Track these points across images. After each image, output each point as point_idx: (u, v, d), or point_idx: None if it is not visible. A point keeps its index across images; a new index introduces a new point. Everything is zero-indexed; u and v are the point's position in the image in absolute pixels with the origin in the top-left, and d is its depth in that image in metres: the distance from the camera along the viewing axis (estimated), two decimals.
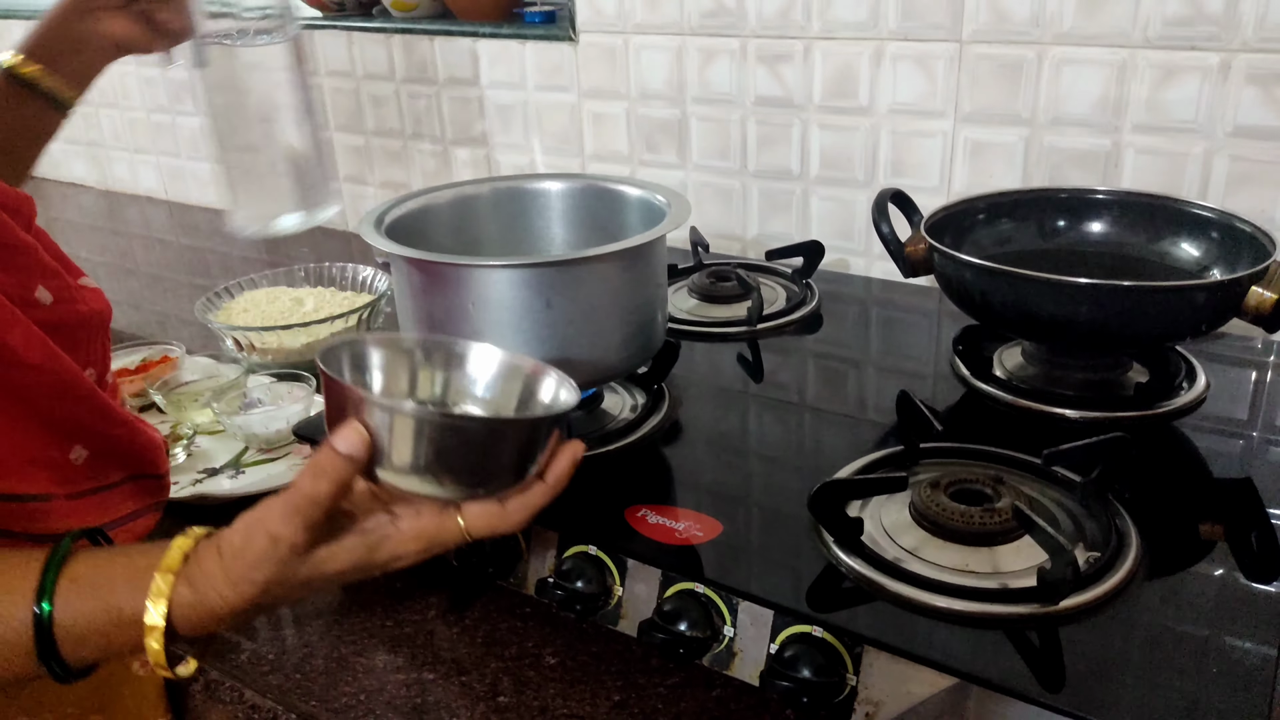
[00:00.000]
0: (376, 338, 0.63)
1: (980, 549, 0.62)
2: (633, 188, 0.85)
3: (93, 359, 0.65)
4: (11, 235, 0.59)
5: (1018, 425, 0.79)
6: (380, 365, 0.63)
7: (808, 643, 0.58)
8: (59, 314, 0.60)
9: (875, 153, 1.13)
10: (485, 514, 0.56)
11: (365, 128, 1.56)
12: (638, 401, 0.84)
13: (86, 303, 0.64)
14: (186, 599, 0.53)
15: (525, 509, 0.57)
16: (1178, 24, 0.93)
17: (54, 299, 0.60)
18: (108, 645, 0.53)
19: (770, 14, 1.14)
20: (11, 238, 0.59)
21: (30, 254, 0.60)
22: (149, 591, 0.52)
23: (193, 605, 0.53)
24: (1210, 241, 0.85)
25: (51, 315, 0.60)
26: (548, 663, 0.68)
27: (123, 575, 0.54)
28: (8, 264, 0.58)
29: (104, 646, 0.53)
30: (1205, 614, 0.58)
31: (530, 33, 1.32)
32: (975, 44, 1.03)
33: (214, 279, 1.40)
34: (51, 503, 0.60)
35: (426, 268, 0.72)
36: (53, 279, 0.61)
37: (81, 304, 0.63)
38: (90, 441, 0.63)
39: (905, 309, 1.07)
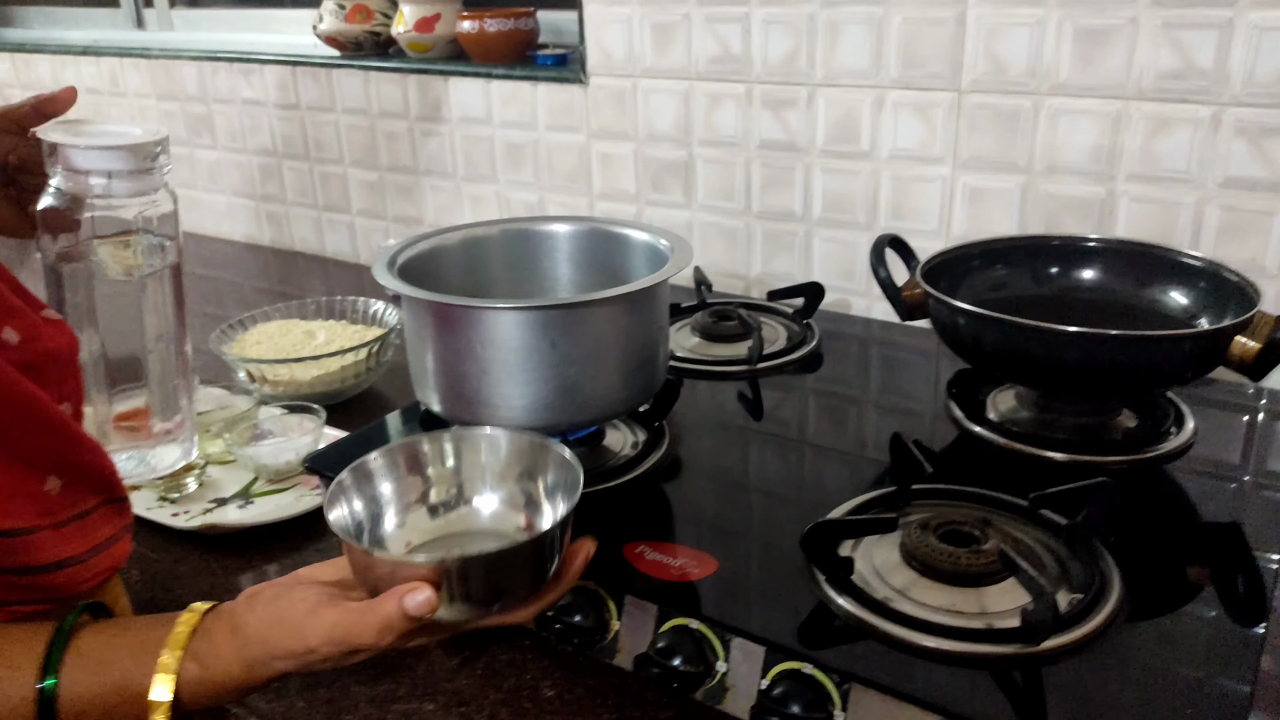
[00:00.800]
0: (378, 452, 0.65)
1: (967, 590, 0.64)
2: (638, 231, 0.88)
3: (66, 394, 0.64)
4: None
5: (1008, 467, 0.81)
6: (387, 481, 0.65)
7: (798, 679, 0.60)
8: (27, 353, 0.59)
9: (876, 197, 1.16)
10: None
11: (380, 164, 1.59)
12: (639, 439, 0.86)
13: (53, 338, 0.62)
14: (194, 675, 0.54)
15: (537, 603, 0.60)
16: (1170, 77, 0.96)
17: (21, 338, 0.59)
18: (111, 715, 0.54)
19: (775, 61, 1.17)
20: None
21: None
22: (156, 667, 0.53)
23: (200, 681, 0.54)
24: (1199, 290, 0.87)
25: (20, 355, 0.58)
26: (545, 695, 0.69)
27: (129, 650, 0.55)
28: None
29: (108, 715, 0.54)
30: (1187, 656, 0.59)
31: (542, 75, 1.36)
32: (974, 93, 1.06)
33: (227, 308, 1.43)
34: (38, 534, 0.60)
35: (436, 308, 0.74)
36: (18, 318, 0.60)
37: (49, 340, 0.62)
38: (63, 471, 0.62)
39: (904, 350, 1.09)
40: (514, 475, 0.67)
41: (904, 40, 1.08)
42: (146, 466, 0.87)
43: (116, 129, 0.77)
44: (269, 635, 0.54)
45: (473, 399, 0.75)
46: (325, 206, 1.70)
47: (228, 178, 1.81)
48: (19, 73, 2.04)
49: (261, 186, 1.77)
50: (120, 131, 0.77)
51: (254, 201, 1.80)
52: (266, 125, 1.70)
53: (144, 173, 0.76)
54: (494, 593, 0.57)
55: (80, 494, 0.64)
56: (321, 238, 1.73)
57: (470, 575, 0.55)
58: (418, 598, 0.53)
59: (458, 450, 0.67)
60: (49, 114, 0.77)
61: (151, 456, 0.87)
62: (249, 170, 1.77)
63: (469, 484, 0.67)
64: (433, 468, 0.66)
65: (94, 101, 1.93)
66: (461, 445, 0.67)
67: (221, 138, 1.78)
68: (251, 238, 1.84)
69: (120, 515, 0.69)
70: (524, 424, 0.77)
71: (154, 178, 0.77)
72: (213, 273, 1.68)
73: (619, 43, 1.28)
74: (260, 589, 0.58)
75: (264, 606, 0.56)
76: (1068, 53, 1.00)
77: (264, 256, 1.77)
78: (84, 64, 1.92)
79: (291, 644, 0.54)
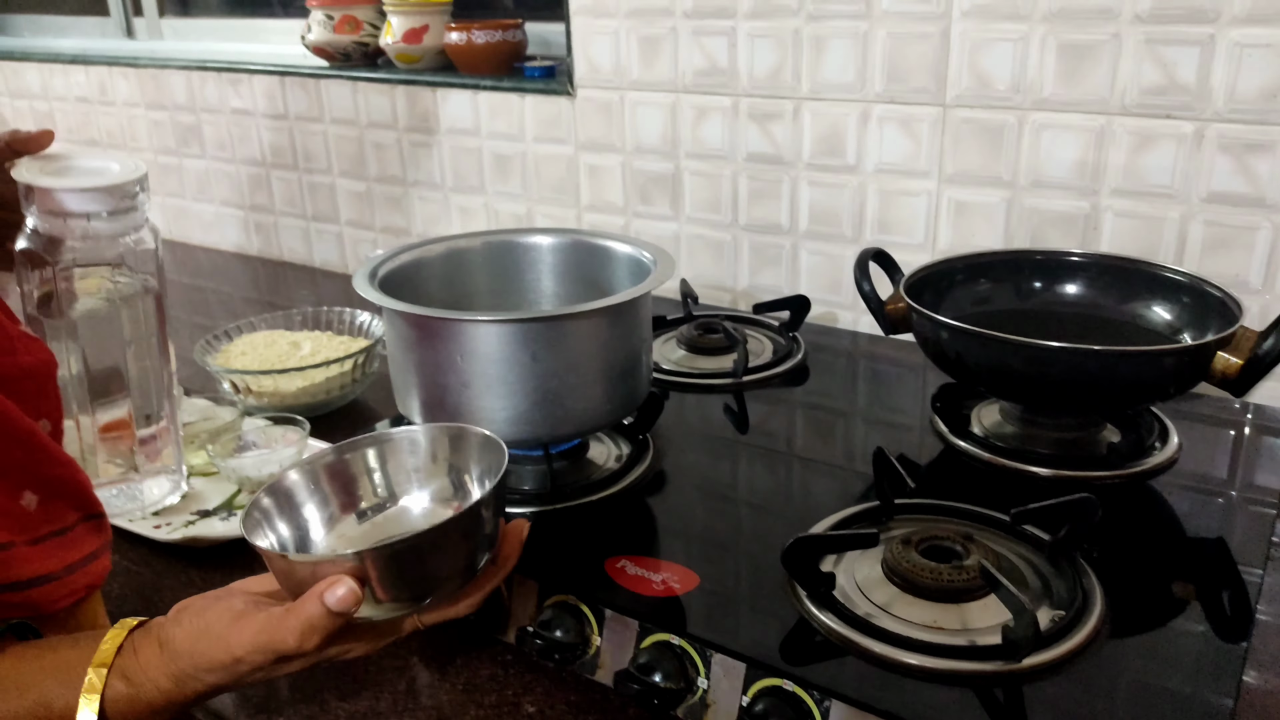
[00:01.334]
0: (292, 470, 0.64)
1: (949, 606, 0.63)
2: (621, 244, 0.88)
3: (45, 410, 0.63)
4: None
5: (992, 482, 0.81)
6: (307, 495, 0.64)
7: (779, 696, 0.59)
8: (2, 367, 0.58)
9: (862, 210, 1.16)
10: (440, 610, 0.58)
11: (368, 174, 1.59)
12: (623, 451, 0.85)
13: (30, 353, 0.61)
14: (121, 693, 0.52)
15: (480, 590, 0.58)
16: (1153, 93, 0.96)
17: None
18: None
19: (761, 74, 1.17)
20: None
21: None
22: (81, 687, 0.51)
23: (129, 700, 0.52)
24: (1181, 305, 0.87)
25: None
26: (526, 711, 0.69)
27: (51, 671, 0.53)
28: None
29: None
30: (1170, 672, 0.59)
31: (530, 87, 1.36)
32: (958, 108, 1.06)
33: (214, 318, 1.43)
34: (14, 550, 0.59)
35: (417, 321, 0.74)
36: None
37: (25, 355, 0.61)
38: (38, 486, 0.61)
39: (890, 363, 1.09)
40: (440, 469, 0.66)
41: (889, 55, 1.08)
42: (136, 502, 0.87)
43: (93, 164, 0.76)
44: (195, 648, 0.53)
45: (454, 411, 0.75)
46: (313, 216, 1.70)
47: (216, 187, 1.81)
48: (7, 81, 2.03)
49: (250, 196, 1.77)
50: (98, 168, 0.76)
51: (242, 211, 1.79)
52: (255, 135, 1.70)
53: (124, 212, 0.75)
54: (423, 582, 0.55)
55: (58, 510, 0.63)
56: (310, 248, 1.73)
57: (394, 564, 0.54)
58: (338, 592, 0.52)
59: (380, 454, 0.66)
60: (22, 152, 0.76)
61: (141, 491, 0.86)
62: (237, 180, 1.77)
63: (396, 485, 0.66)
64: (356, 475, 0.65)
65: (83, 110, 1.93)
66: (383, 449, 0.66)
67: (210, 147, 1.78)
68: (240, 247, 1.83)
69: (98, 532, 0.67)
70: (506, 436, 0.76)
71: (134, 216, 0.76)
72: (200, 282, 1.67)
73: (606, 55, 1.28)
74: (190, 601, 0.57)
75: (190, 619, 0.54)
76: (1051, 68, 1.00)
77: (252, 266, 1.76)
78: (73, 72, 1.91)
79: (218, 654, 0.52)
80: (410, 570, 0.55)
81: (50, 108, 1.99)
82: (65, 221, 0.72)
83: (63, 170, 0.74)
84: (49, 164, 0.75)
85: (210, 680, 0.53)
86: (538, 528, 0.75)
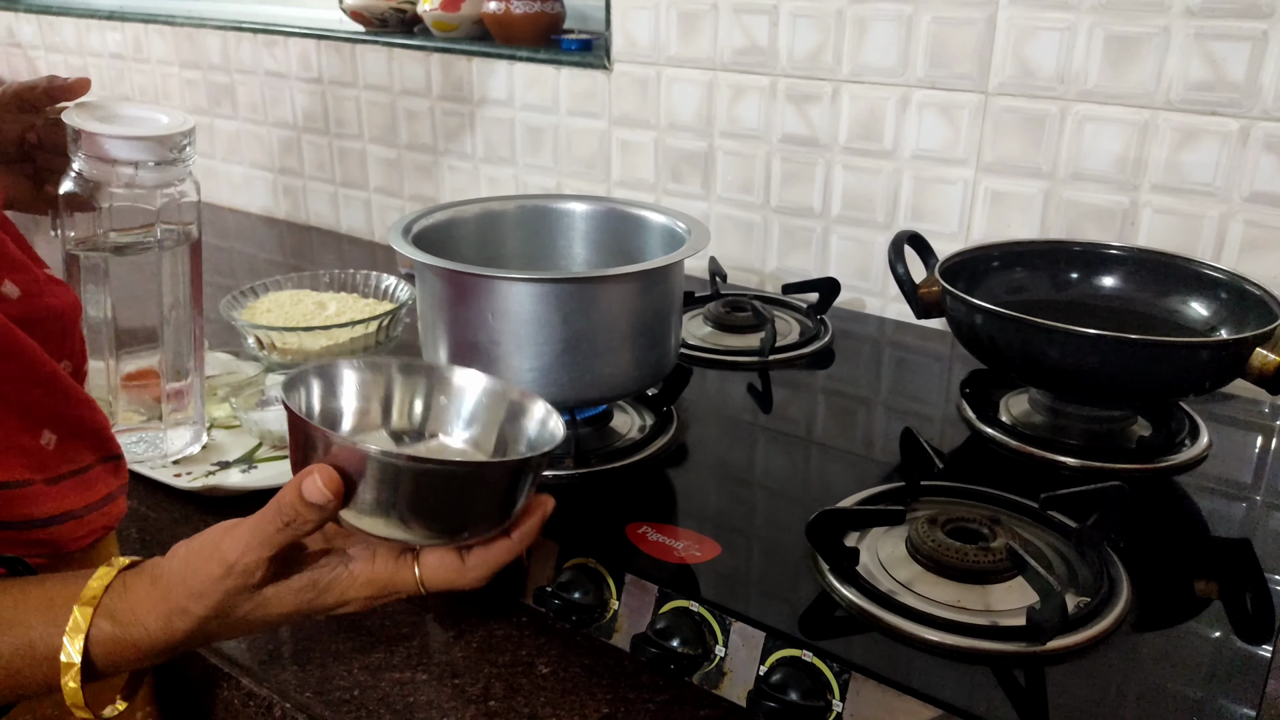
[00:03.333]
0: (351, 361, 0.61)
1: (973, 586, 0.63)
2: (655, 213, 0.87)
3: (67, 351, 0.63)
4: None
5: (1019, 470, 0.80)
6: (353, 391, 0.60)
7: (797, 666, 0.59)
8: (27, 308, 0.58)
9: (896, 196, 1.15)
10: (443, 568, 0.54)
11: (399, 141, 1.59)
12: (646, 422, 0.85)
13: (55, 296, 0.61)
14: (107, 633, 0.50)
15: (485, 565, 0.54)
16: (1200, 88, 0.95)
17: (21, 293, 0.58)
18: (17, 684, 0.50)
19: (801, 55, 1.16)
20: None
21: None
22: (65, 626, 0.49)
23: (115, 640, 0.50)
24: (1219, 302, 0.86)
25: (19, 309, 0.57)
26: (540, 671, 0.69)
27: (36, 608, 0.51)
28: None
29: (14, 686, 0.50)
30: (1192, 672, 0.58)
31: (566, 59, 1.35)
32: (1000, 96, 1.05)
33: (239, 280, 1.43)
34: (33, 488, 0.58)
35: (450, 277, 0.74)
36: (20, 272, 0.59)
37: (51, 297, 0.60)
38: (57, 425, 0.61)
39: (917, 351, 1.08)
40: (493, 424, 0.62)
41: (932, 39, 1.07)
42: (157, 450, 0.87)
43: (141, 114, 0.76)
44: (187, 569, 0.51)
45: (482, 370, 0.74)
46: (342, 182, 1.70)
47: (247, 149, 1.81)
48: (44, 35, 2.04)
49: (280, 159, 1.77)
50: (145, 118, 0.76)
51: (272, 174, 1.79)
52: (288, 98, 1.70)
53: (170, 163, 0.76)
54: (440, 514, 0.51)
55: (76, 450, 0.63)
56: (337, 213, 1.73)
57: (411, 483, 0.50)
58: (318, 481, 0.49)
59: (439, 385, 0.62)
60: (58, 98, 0.77)
61: (162, 440, 0.87)
62: (268, 142, 1.77)
63: (442, 421, 0.62)
64: (406, 395, 0.62)
65: (117, 67, 1.93)
66: (444, 382, 0.62)
67: (242, 109, 1.78)
68: (267, 210, 1.83)
69: (116, 474, 0.68)
70: None
71: (179, 168, 0.77)
72: (227, 243, 1.67)
73: (645, 30, 1.27)
74: (188, 540, 0.55)
75: (185, 547, 0.53)
76: (1097, 59, 0.99)
77: (279, 229, 1.77)
78: (108, 29, 1.92)
79: (212, 568, 0.50)
80: (428, 495, 0.51)
81: (85, 63, 2.00)
82: (112, 168, 0.73)
83: (112, 118, 0.74)
84: (99, 110, 0.75)
85: (197, 609, 0.50)
86: (561, 491, 0.75)
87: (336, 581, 0.53)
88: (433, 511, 0.51)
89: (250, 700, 0.68)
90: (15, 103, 0.76)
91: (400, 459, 0.51)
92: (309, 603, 0.53)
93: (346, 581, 0.53)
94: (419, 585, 0.54)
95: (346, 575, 0.53)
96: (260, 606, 0.52)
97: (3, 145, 0.77)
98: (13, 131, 0.77)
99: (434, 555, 0.54)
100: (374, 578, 0.53)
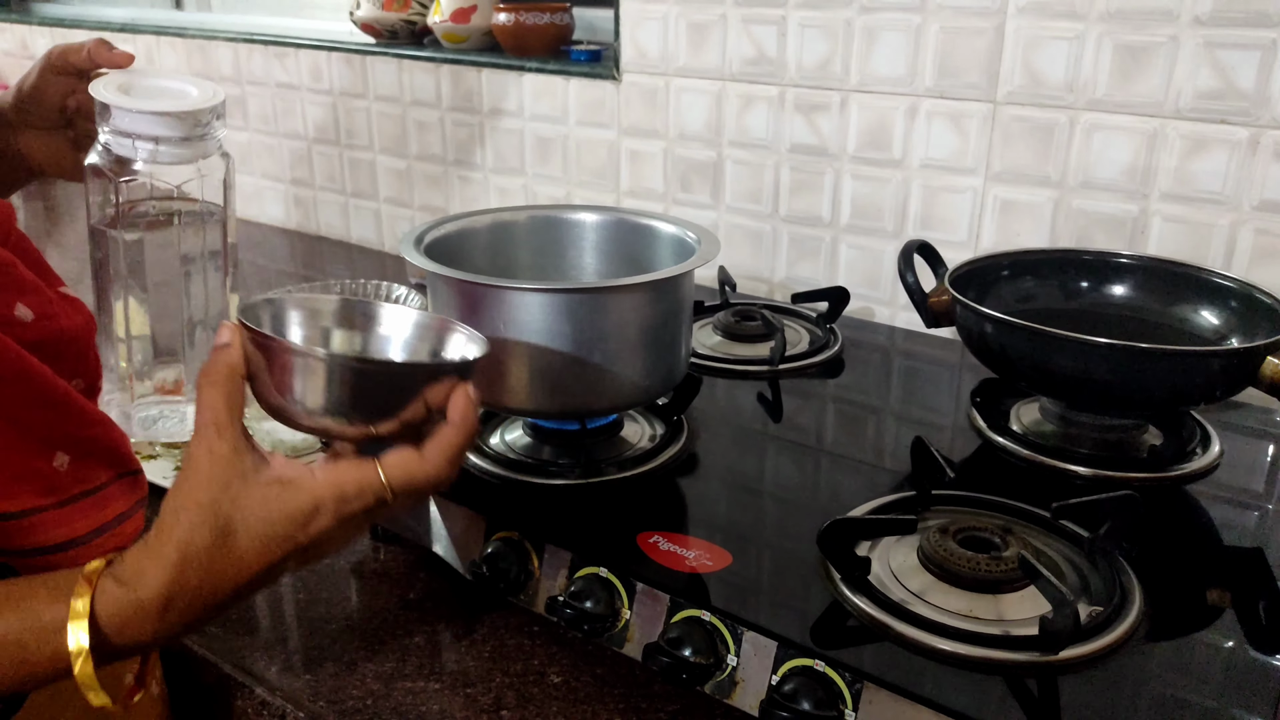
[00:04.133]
0: (295, 298, 0.62)
1: (985, 596, 0.63)
2: (665, 223, 0.87)
3: (80, 370, 0.63)
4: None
5: (1030, 479, 0.80)
6: (299, 322, 0.62)
7: (809, 676, 0.59)
8: (40, 330, 0.58)
9: (905, 205, 1.15)
10: (403, 461, 0.54)
11: (409, 152, 1.60)
12: (656, 431, 0.85)
13: (69, 316, 0.61)
14: (113, 592, 0.50)
15: (442, 452, 0.55)
16: (1209, 97, 0.95)
17: (34, 315, 0.58)
18: (24, 659, 0.49)
19: (810, 65, 1.17)
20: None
21: (8, 271, 0.57)
22: (72, 592, 0.49)
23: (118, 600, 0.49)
24: (1230, 311, 0.86)
25: (33, 333, 0.57)
26: (552, 681, 0.69)
27: (42, 587, 0.51)
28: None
29: (20, 660, 0.49)
30: (1206, 682, 0.58)
31: (575, 70, 1.36)
32: (1009, 105, 1.05)
33: (251, 290, 1.44)
34: (41, 515, 0.58)
35: (462, 287, 0.74)
36: (33, 295, 0.58)
37: (64, 319, 0.60)
38: (71, 447, 0.60)
39: (926, 360, 1.08)
40: (421, 346, 0.64)
41: (941, 49, 1.08)
42: (187, 426, 0.86)
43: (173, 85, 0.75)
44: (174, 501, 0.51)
45: (492, 380, 0.75)
46: (353, 193, 1.71)
47: (258, 160, 1.82)
48: None
49: (291, 170, 1.78)
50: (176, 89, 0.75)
51: (283, 185, 1.80)
52: (299, 109, 1.71)
53: (194, 139, 0.75)
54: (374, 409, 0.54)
55: (90, 469, 0.63)
56: (347, 224, 1.74)
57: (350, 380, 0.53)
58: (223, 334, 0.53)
59: (369, 319, 0.64)
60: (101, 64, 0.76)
61: (187, 415, 0.86)
62: (279, 154, 1.78)
63: (373, 349, 0.64)
64: (341, 327, 0.64)
65: None
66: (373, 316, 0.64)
67: (254, 120, 1.79)
68: (278, 221, 1.84)
69: (134, 489, 0.68)
70: (543, 408, 0.76)
71: (205, 144, 0.76)
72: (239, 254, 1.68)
73: (654, 40, 1.28)
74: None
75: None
76: (1106, 68, 0.99)
77: (289, 240, 1.78)
78: (121, 41, 1.91)
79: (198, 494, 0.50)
80: (361, 391, 0.54)
81: None
82: (133, 143, 0.72)
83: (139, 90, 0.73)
84: (128, 81, 0.74)
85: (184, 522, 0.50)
86: (571, 501, 0.75)
87: (302, 479, 0.53)
88: (364, 406, 0.54)
89: (264, 709, 0.69)
90: (59, 65, 0.74)
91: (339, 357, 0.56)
92: (281, 507, 0.52)
93: (310, 480, 0.53)
94: (382, 481, 0.54)
95: (309, 474, 0.53)
96: (236, 505, 0.51)
97: (45, 110, 0.76)
98: (55, 96, 0.76)
99: (393, 454, 0.55)
100: (339, 477, 0.53)
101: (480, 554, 0.73)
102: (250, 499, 0.51)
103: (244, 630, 0.75)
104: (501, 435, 0.84)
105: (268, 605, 0.78)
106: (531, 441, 0.83)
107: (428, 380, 0.56)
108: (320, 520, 0.53)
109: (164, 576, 0.50)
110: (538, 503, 0.75)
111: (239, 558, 0.51)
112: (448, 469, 0.56)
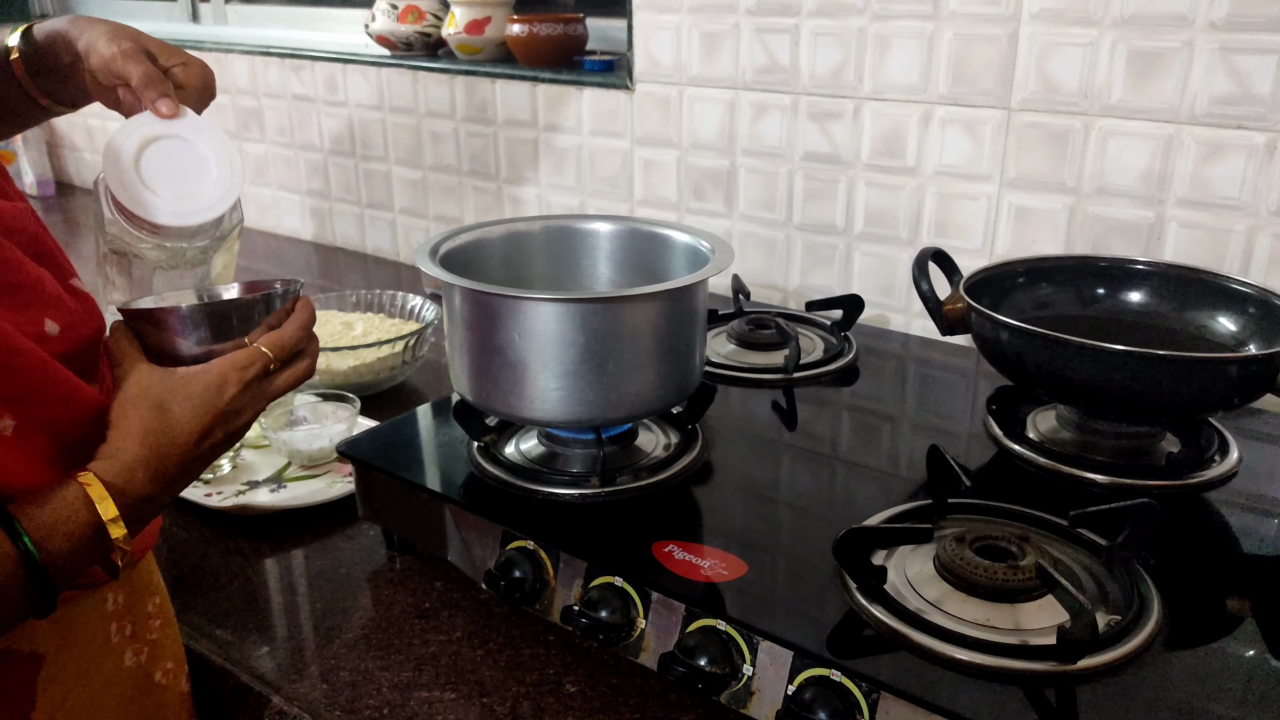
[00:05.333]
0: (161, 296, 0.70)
1: (1002, 605, 0.62)
2: (679, 233, 0.88)
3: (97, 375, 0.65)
4: (19, 273, 0.58)
5: (1047, 487, 0.80)
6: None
7: (825, 686, 0.59)
8: (68, 342, 0.60)
9: (920, 212, 1.15)
10: (269, 336, 0.65)
11: (424, 163, 1.61)
12: (671, 440, 0.85)
13: (88, 325, 0.63)
14: (102, 465, 0.57)
15: (295, 323, 0.66)
16: (1225, 103, 0.95)
17: (61, 328, 0.60)
18: (70, 520, 0.55)
19: (823, 73, 1.17)
20: (18, 276, 0.58)
21: (37, 289, 0.60)
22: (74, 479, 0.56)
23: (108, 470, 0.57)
24: (1247, 317, 0.86)
25: (60, 345, 0.59)
26: (568, 690, 0.69)
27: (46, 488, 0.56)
28: (17, 303, 0.58)
29: (67, 519, 0.55)
30: (1224, 686, 0.58)
31: (589, 80, 1.36)
32: (1023, 112, 1.05)
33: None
34: None
35: (477, 297, 0.75)
36: (57, 308, 0.61)
37: (85, 328, 0.63)
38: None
39: (942, 367, 1.08)
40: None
41: (954, 56, 1.07)
42: None
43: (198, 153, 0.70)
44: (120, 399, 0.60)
45: (508, 390, 0.75)
46: (368, 203, 1.72)
47: (274, 172, 1.83)
48: None
49: (307, 181, 1.79)
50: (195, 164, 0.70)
51: (299, 196, 1.82)
52: (315, 121, 1.72)
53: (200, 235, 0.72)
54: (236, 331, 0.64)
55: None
56: (363, 234, 1.75)
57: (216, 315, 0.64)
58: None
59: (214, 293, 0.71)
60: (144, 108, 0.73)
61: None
62: (295, 165, 1.79)
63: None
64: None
65: None
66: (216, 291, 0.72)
67: (270, 132, 1.80)
68: (295, 232, 1.86)
69: None
70: (558, 417, 0.76)
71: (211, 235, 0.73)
72: (255, 265, 1.69)
73: (667, 50, 1.28)
74: None
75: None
76: (1120, 74, 0.99)
77: (306, 251, 1.79)
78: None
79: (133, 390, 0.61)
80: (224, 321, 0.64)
81: None
82: (135, 231, 0.70)
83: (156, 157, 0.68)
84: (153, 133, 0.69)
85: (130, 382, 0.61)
86: (587, 510, 0.75)
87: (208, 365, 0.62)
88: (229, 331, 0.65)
89: (281, 719, 0.69)
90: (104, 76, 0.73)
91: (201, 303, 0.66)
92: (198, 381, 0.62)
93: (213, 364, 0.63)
94: (261, 349, 0.64)
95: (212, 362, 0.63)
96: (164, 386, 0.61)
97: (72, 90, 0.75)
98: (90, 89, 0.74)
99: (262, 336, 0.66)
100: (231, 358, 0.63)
101: (496, 563, 0.73)
102: (172, 381, 0.62)
103: (261, 639, 0.75)
104: (517, 444, 0.84)
105: (284, 613, 0.79)
106: (546, 451, 0.83)
107: (265, 307, 0.66)
108: (229, 389, 0.62)
109: (133, 444, 0.59)
110: (553, 512, 0.75)
111: (177, 422, 0.60)
112: (301, 334, 0.66)
